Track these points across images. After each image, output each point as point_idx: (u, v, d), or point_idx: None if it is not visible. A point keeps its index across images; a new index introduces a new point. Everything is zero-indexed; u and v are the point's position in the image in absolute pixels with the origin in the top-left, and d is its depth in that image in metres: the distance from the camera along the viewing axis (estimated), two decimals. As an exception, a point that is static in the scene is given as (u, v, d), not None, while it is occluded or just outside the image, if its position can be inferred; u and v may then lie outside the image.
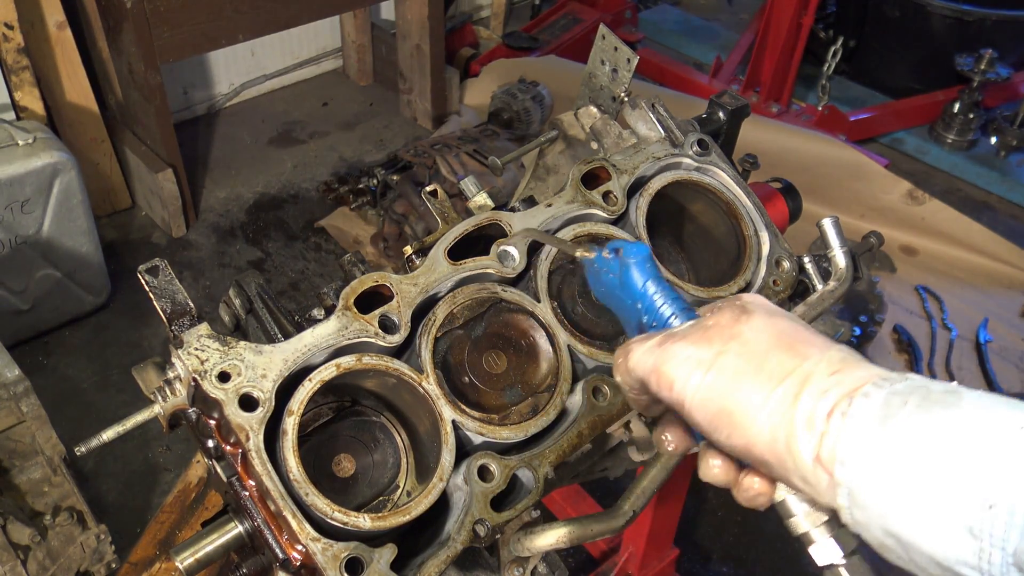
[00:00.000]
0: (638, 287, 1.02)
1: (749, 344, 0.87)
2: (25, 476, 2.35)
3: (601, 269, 1.07)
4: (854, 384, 0.79)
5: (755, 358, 0.85)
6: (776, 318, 0.90)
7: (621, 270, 1.04)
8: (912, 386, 0.77)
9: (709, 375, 0.86)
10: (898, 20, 5.31)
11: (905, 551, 0.74)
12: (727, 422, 0.85)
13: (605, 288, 1.07)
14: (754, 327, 0.88)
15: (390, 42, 5.17)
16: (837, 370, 0.81)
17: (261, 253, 4.29)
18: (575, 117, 1.65)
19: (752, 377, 0.84)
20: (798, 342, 0.86)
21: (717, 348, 0.87)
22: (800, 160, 4.46)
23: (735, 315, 0.90)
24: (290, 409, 1.07)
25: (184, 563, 1.08)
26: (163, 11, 3.78)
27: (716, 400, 0.86)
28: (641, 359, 0.93)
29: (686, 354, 0.89)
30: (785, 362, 0.84)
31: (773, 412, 0.81)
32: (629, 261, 1.03)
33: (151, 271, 1.13)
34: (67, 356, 3.69)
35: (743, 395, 0.84)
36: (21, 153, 3.33)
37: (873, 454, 0.75)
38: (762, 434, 0.82)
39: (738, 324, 0.89)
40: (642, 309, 1.02)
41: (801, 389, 0.81)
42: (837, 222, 1.51)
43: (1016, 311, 4.12)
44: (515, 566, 1.27)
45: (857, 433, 0.76)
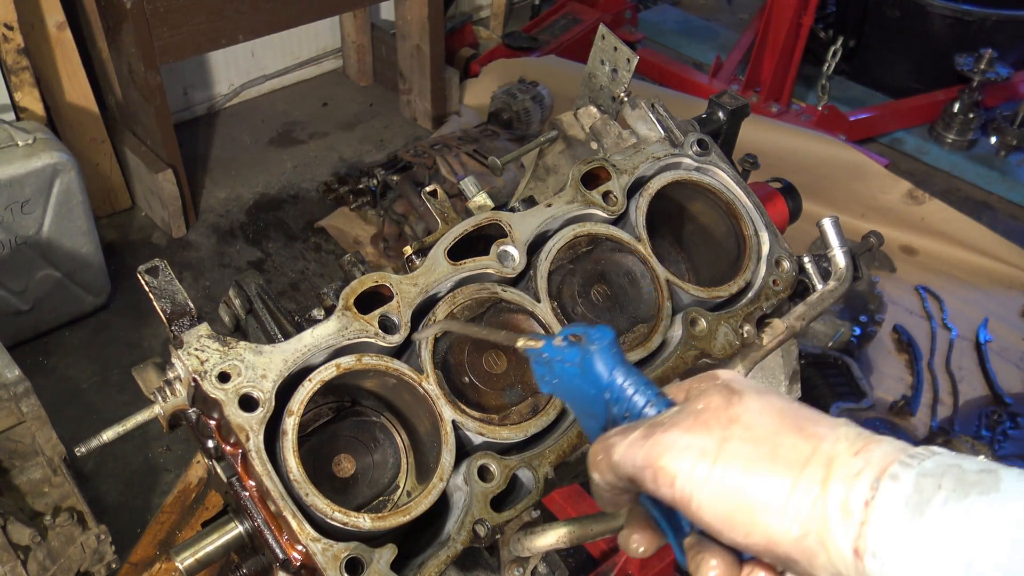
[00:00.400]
0: (604, 377, 0.91)
1: (753, 428, 0.79)
2: (25, 476, 2.35)
3: (554, 359, 0.94)
4: (882, 463, 0.72)
5: (765, 443, 0.77)
6: (769, 396, 0.83)
7: (582, 359, 0.92)
8: (943, 465, 0.71)
9: (717, 467, 0.77)
10: (898, 20, 5.31)
11: None
12: (746, 520, 0.76)
13: (560, 379, 0.94)
14: (751, 409, 0.80)
15: (390, 42, 5.18)
16: (859, 449, 0.74)
17: (261, 253, 4.29)
18: (575, 117, 1.65)
19: (768, 466, 0.76)
20: (803, 420, 0.79)
21: (719, 435, 0.79)
22: (800, 160, 4.46)
23: (725, 397, 0.82)
24: (290, 409, 1.07)
25: (184, 563, 1.08)
26: (163, 11, 3.78)
27: (731, 495, 0.77)
28: (628, 454, 0.82)
29: (684, 443, 0.79)
30: (800, 446, 0.76)
31: (801, 505, 0.74)
32: (591, 348, 0.91)
33: (151, 271, 1.13)
34: (67, 356, 3.69)
35: (763, 488, 0.75)
36: (21, 153, 3.33)
37: (905, 547, 0.68)
38: (790, 530, 0.74)
39: (732, 407, 0.81)
40: (610, 400, 0.91)
41: (828, 474, 0.74)
42: (837, 222, 1.51)
43: (1016, 311, 4.12)
44: (515, 566, 1.27)
45: (887, 523, 0.69)
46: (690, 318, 1.35)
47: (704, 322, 1.36)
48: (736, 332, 1.38)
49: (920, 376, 3.72)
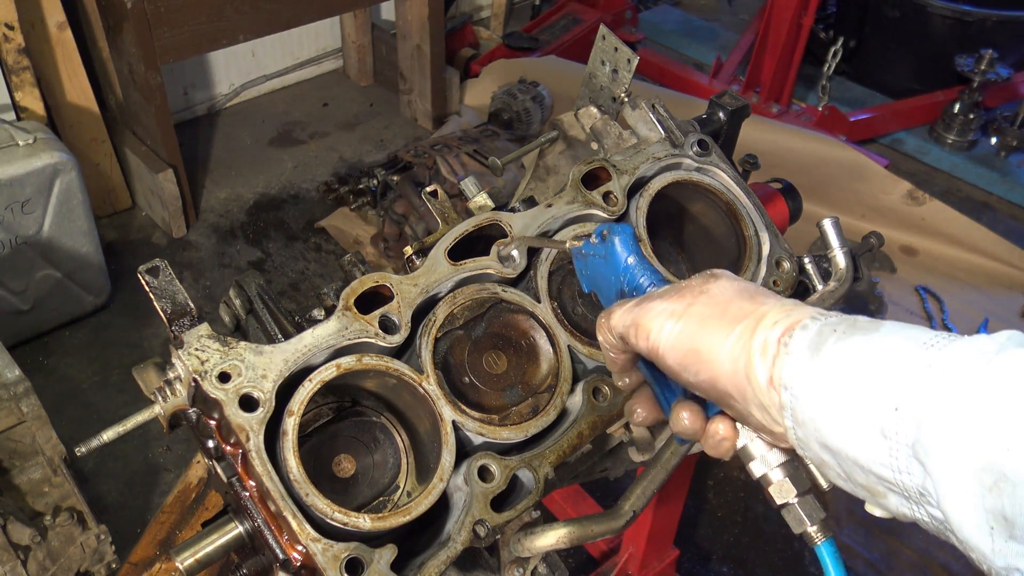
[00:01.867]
0: (621, 262, 1.13)
1: (715, 296, 0.98)
2: (25, 476, 2.35)
3: (588, 254, 1.17)
4: (799, 317, 0.90)
5: (720, 305, 0.96)
6: (740, 281, 1.01)
7: (607, 248, 1.14)
8: (842, 319, 0.89)
9: (680, 322, 0.97)
10: (898, 20, 5.31)
11: (837, 462, 0.85)
12: (695, 360, 0.95)
13: (591, 271, 1.17)
14: (721, 285, 0.99)
15: (390, 42, 5.18)
16: (788, 309, 0.93)
17: (261, 253, 4.29)
18: (575, 117, 1.65)
19: (717, 320, 0.95)
20: (758, 294, 0.97)
21: (688, 301, 0.98)
22: (800, 160, 4.46)
23: (704, 279, 1.01)
24: (290, 409, 1.07)
25: (184, 563, 1.08)
26: (163, 11, 3.78)
27: (685, 342, 0.96)
28: (621, 317, 1.03)
29: (660, 308, 0.99)
30: (745, 306, 0.95)
31: (734, 345, 0.92)
32: (614, 238, 1.13)
33: (151, 271, 1.13)
34: (67, 356, 3.69)
35: (708, 334, 0.94)
36: (21, 153, 3.33)
37: (806, 376, 0.86)
38: (725, 366, 0.92)
39: (707, 284, 1.00)
40: (624, 281, 1.12)
41: (757, 324, 0.92)
42: (837, 222, 1.51)
43: (1016, 311, 4.12)
44: (515, 566, 1.27)
45: (795, 359, 0.87)
46: (690, 318, 1.35)
47: (704, 322, 1.35)
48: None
49: (920, 376, 3.72)
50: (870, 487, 0.83)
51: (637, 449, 1.47)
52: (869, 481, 0.83)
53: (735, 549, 3.17)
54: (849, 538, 3.15)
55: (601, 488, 3.06)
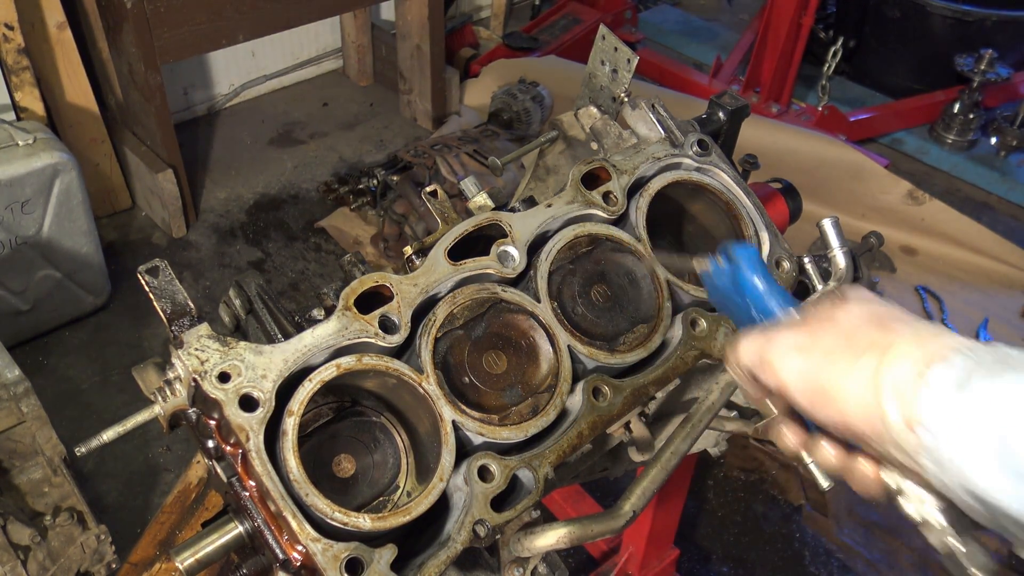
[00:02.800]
0: (748, 285, 1.10)
1: (842, 324, 0.91)
2: (25, 476, 2.35)
3: (716, 275, 1.15)
4: (938, 350, 0.81)
5: (846, 336, 0.89)
6: (872, 303, 0.93)
7: (732, 271, 1.11)
8: (992, 351, 0.80)
9: (806, 358, 0.91)
10: (898, 20, 5.31)
11: (988, 511, 0.77)
12: (823, 398, 0.89)
13: (719, 294, 1.15)
14: (848, 311, 0.93)
15: (390, 42, 5.18)
16: (922, 340, 0.84)
17: (261, 253, 4.29)
18: (575, 117, 1.65)
19: (842, 353, 0.88)
20: (889, 320, 0.89)
21: (814, 332, 0.92)
22: (800, 160, 4.46)
23: (833, 303, 0.95)
24: (290, 409, 1.07)
25: (184, 563, 1.08)
26: (163, 11, 3.78)
27: (812, 380, 0.90)
28: (748, 351, 0.99)
29: (787, 342, 0.94)
30: (873, 335, 0.87)
31: (860, 381, 0.85)
32: (738, 260, 1.11)
33: (151, 271, 1.13)
34: (67, 356, 3.69)
35: (834, 370, 0.88)
36: (21, 153, 3.33)
37: (950, 417, 0.77)
38: (854, 404, 0.85)
39: (834, 310, 0.94)
40: (751, 304, 1.10)
41: (885, 356, 0.84)
42: (837, 222, 1.51)
43: (1016, 311, 4.12)
44: (515, 566, 1.27)
45: (936, 396, 0.79)
46: (690, 319, 1.35)
47: (704, 322, 1.36)
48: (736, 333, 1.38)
49: (920, 376, 3.72)
50: None
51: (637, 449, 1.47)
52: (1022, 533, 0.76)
53: (735, 549, 3.17)
54: (849, 538, 3.15)
55: (601, 488, 3.06)
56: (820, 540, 3.18)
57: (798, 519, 3.25)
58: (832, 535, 3.17)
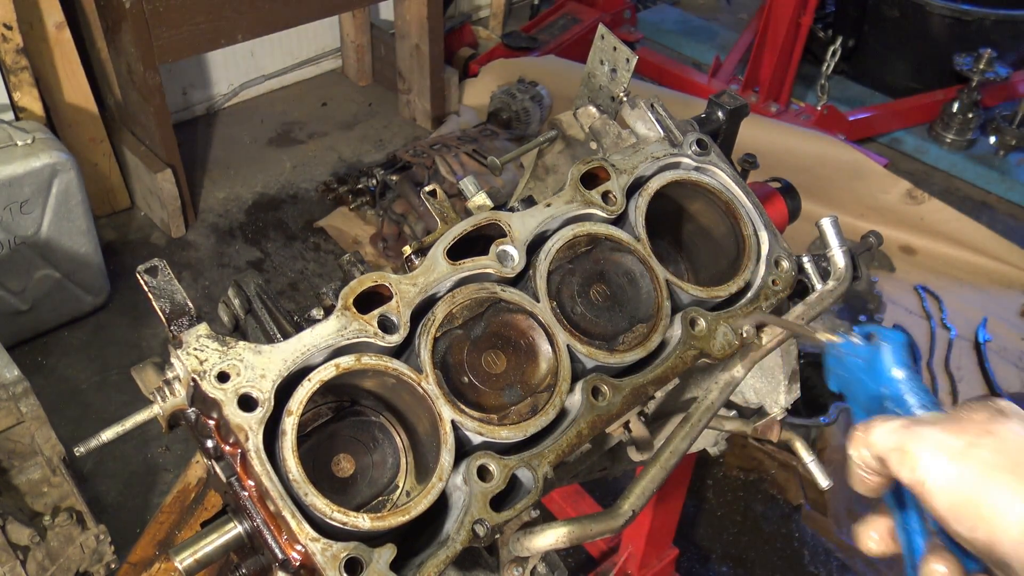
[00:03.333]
0: (887, 374, 1.02)
1: (1006, 443, 0.84)
2: (24, 476, 2.35)
3: (847, 353, 1.06)
4: None
5: (1011, 456, 0.83)
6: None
7: (871, 355, 1.03)
8: None
9: (958, 463, 0.84)
10: (897, 20, 5.31)
11: None
12: (972, 514, 0.83)
13: (846, 372, 1.06)
14: (1012, 428, 0.86)
15: (389, 42, 5.17)
16: None
17: (260, 253, 4.29)
18: (574, 117, 1.65)
19: (1007, 475, 0.82)
20: None
21: (970, 440, 0.86)
22: (799, 160, 4.46)
23: (991, 414, 0.88)
24: (289, 409, 1.07)
25: (183, 563, 1.08)
26: (162, 11, 3.77)
27: (963, 490, 0.83)
28: (884, 436, 0.92)
29: (936, 439, 0.87)
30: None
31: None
32: (884, 347, 1.03)
33: (150, 271, 1.13)
34: (66, 356, 3.69)
35: (995, 489, 0.82)
36: (20, 153, 3.33)
37: None
38: (1011, 532, 0.80)
39: (994, 423, 0.87)
40: (886, 395, 1.01)
41: None
42: (836, 222, 1.51)
43: (1015, 310, 4.12)
44: (514, 566, 1.27)
45: None
46: (689, 318, 1.35)
47: (703, 322, 1.36)
48: (735, 332, 1.38)
49: (919, 376, 3.72)
50: None
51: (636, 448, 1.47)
52: None
53: (734, 548, 3.17)
54: (848, 537, 3.15)
55: (600, 487, 3.06)
56: (819, 539, 3.18)
57: (797, 518, 3.25)
58: (831, 534, 3.17)
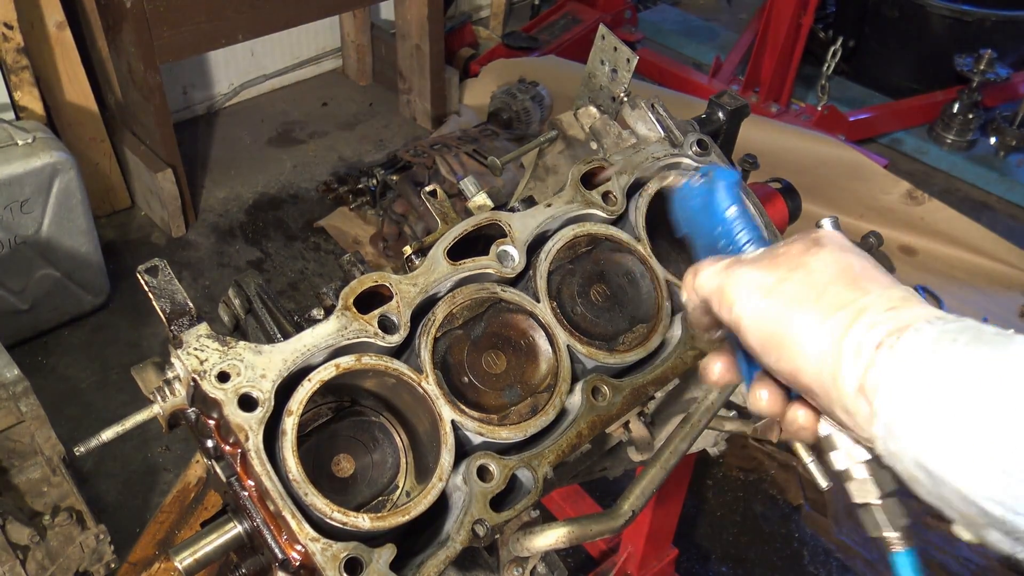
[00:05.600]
0: (720, 211, 1.03)
1: (813, 274, 0.87)
2: (24, 476, 2.35)
3: (687, 195, 1.07)
4: (908, 320, 0.79)
5: (815, 287, 0.86)
6: (847, 253, 0.90)
7: (707, 194, 1.04)
8: (964, 326, 0.77)
9: (768, 299, 0.88)
10: (897, 20, 5.31)
11: (934, 485, 0.75)
12: (778, 345, 0.86)
13: (688, 214, 1.07)
14: (822, 259, 0.88)
15: (390, 42, 5.17)
16: (895, 307, 0.82)
17: (260, 253, 4.29)
18: (575, 117, 1.65)
19: (809, 304, 0.85)
20: (863, 278, 0.86)
21: (781, 274, 0.89)
22: (799, 160, 4.46)
23: (806, 246, 0.91)
24: (289, 409, 1.07)
25: (183, 563, 1.08)
26: (163, 11, 3.78)
27: (770, 323, 0.87)
28: (708, 279, 0.95)
29: (750, 277, 0.91)
30: (844, 294, 0.84)
31: (823, 339, 0.83)
32: (717, 184, 1.03)
33: (150, 271, 1.13)
34: (66, 356, 3.69)
35: (797, 321, 0.85)
36: (20, 153, 3.33)
37: (914, 386, 0.75)
38: (810, 360, 0.83)
39: (807, 255, 0.89)
40: (720, 234, 1.03)
41: (854, 320, 0.82)
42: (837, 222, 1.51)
43: (1015, 311, 4.12)
44: (514, 566, 1.27)
45: (901, 365, 0.76)
46: (689, 318, 1.35)
47: (703, 322, 1.36)
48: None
49: (919, 376, 3.72)
50: (969, 516, 0.74)
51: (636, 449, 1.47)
52: (969, 511, 0.73)
53: (734, 548, 3.17)
54: (848, 537, 3.15)
55: (600, 488, 3.06)
56: (819, 540, 3.18)
57: (797, 519, 3.25)
58: (831, 535, 3.17)
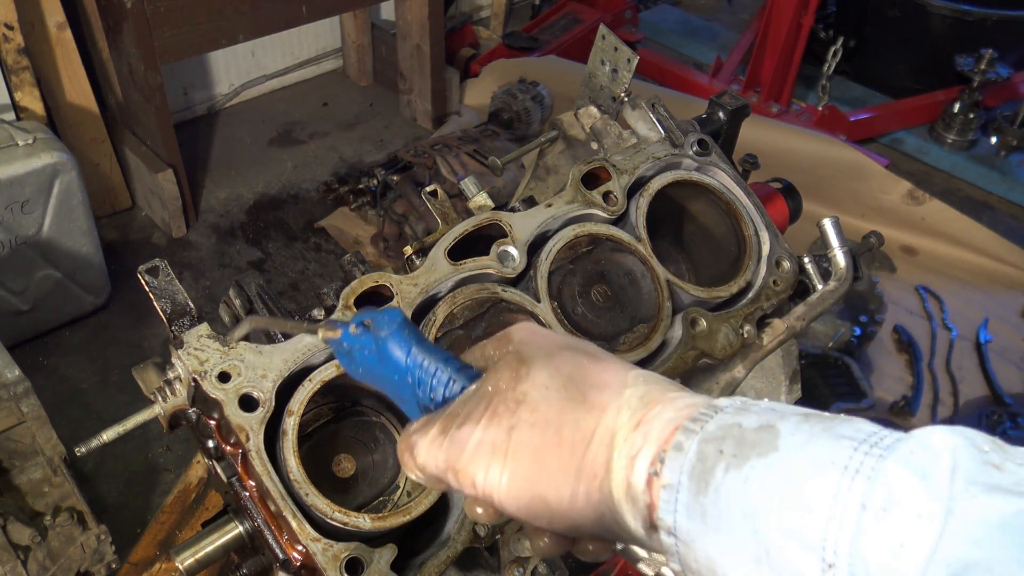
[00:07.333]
0: (402, 361, 0.88)
1: (539, 409, 0.76)
2: (25, 476, 2.35)
3: (353, 347, 0.91)
4: (662, 435, 0.71)
5: (550, 426, 0.75)
6: (556, 360, 0.79)
7: (377, 345, 0.89)
8: (723, 427, 0.69)
9: (509, 463, 0.76)
10: (898, 20, 5.31)
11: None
12: (545, 509, 0.76)
13: (365, 367, 0.92)
14: (537, 382, 0.78)
15: (390, 42, 5.17)
16: (640, 419, 0.73)
17: (261, 253, 4.29)
18: (575, 117, 1.65)
19: (555, 452, 0.75)
20: (589, 388, 0.77)
21: (507, 423, 0.77)
22: (800, 160, 4.46)
23: (513, 371, 0.80)
24: (290, 409, 1.07)
25: (184, 563, 1.08)
26: (163, 11, 3.78)
27: (526, 489, 0.76)
28: (430, 456, 0.81)
29: (477, 440, 0.78)
30: (583, 422, 0.75)
31: (589, 491, 0.74)
32: (382, 334, 0.88)
33: (151, 271, 1.13)
34: (67, 356, 3.69)
35: (552, 477, 0.75)
36: (21, 153, 3.33)
37: (696, 520, 0.68)
38: (585, 515, 0.75)
39: (520, 384, 0.78)
40: (413, 382, 0.88)
41: (610, 456, 0.73)
42: (837, 222, 1.51)
43: (1016, 311, 4.12)
44: (515, 566, 1.27)
45: (675, 498, 0.69)
46: (690, 318, 1.35)
47: (704, 322, 1.36)
48: (736, 332, 1.38)
49: (920, 376, 3.72)
50: None
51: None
52: None
53: (735, 549, 3.17)
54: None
55: (601, 488, 3.06)
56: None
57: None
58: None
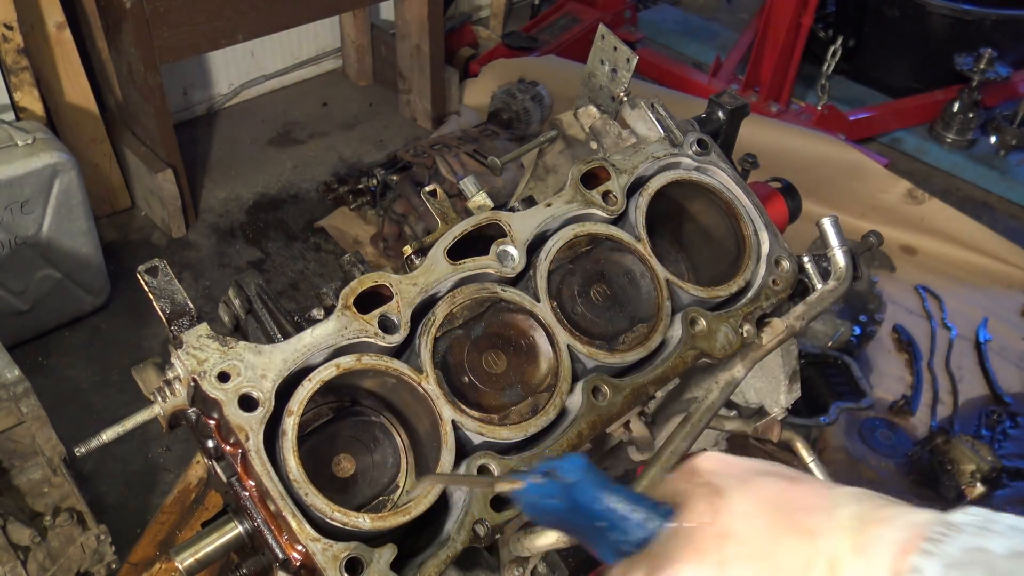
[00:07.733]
0: (593, 507, 0.88)
1: (748, 542, 0.74)
2: (25, 477, 2.35)
3: (539, 496, 0.92)
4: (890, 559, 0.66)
5: (764, 559, 0.73)
6: (753, 487, 0.78)
7: (564, 493, 0.89)
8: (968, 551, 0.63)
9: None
10: (897, 20, 5.31)
11: None
12: None
13: (552, 516, 0.92)
14: (739, 513, 0.76)
15: (390, 42, 5.17)
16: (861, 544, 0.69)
17: (261, 253, 4.29)
18: (575, 117, 1.65)
19: None
20: (795, 513, 0.74)
21: (715, 558, 0.75)
22: (800, 160, 4.46)
23: (710, 503, 0.78)
24: (290, 409, 1.07)
25: (184, 563, 1.08)
26: (163, 11, 3.77)
27: None
28: None
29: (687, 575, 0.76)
30: (798, 551, 0.72)
31: None
32: (569, 480, 0.89)
33: (150, 271, 1.13)
34: (67, 357, 3.69)
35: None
36: (21, 153, 3.33)
37: None
38: None
39: (720, 516, 0.77)
40: (607, 527, 0.87)
41: None
42: (837, 221, 1.51)
43: (1016, 310, 4.12)
44: (515, 566, 1.27)
45: None
46: (690, 318, 1.35)
47: (704, 322, 1.36)
48: (736, 332, 1.38)
49: (920, 376, 3.72)
50: None
51: (637, 448, 1.47)
52: None
53: (735, 548, 3.16)
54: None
55: (601, 487, 3.06)
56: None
57: (798, 518, 3.25)
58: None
